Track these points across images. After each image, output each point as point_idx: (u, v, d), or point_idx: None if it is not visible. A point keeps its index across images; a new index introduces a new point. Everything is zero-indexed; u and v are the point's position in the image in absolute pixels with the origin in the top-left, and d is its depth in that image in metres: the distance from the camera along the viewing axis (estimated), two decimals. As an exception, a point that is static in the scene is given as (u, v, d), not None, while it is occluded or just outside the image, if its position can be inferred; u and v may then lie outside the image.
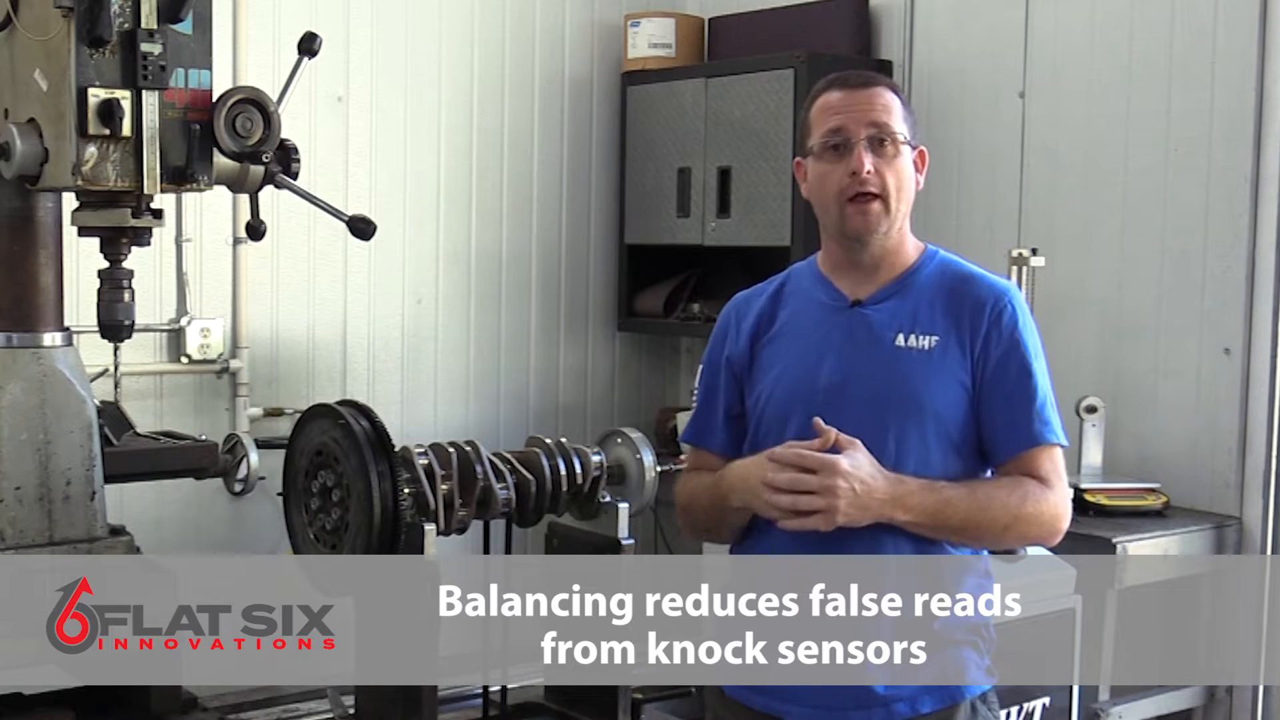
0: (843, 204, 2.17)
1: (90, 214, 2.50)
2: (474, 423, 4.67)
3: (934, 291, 2.20)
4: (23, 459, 2.52)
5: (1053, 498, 2.14)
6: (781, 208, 4.37)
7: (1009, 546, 2.20)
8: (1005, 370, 2.15)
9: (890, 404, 2.13)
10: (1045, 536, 2.16)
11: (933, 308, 2.18)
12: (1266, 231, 3.74)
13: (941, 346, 2.15)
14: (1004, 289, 2.21)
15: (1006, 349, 2.16)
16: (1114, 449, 3.91)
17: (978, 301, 2.18)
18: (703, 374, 2.36)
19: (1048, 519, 2.14)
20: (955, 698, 2.14)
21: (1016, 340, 2.16)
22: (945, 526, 2.10)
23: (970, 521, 2.10)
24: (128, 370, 3.89)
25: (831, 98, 2.20)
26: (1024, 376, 2.15)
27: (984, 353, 2.16)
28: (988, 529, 2.12)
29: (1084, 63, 4.10)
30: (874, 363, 2.16)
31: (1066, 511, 2.16)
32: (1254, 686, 3.79)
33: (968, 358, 2.15)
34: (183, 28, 2.42)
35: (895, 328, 2.17)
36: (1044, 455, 2.16)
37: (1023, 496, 2.12)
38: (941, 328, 2.17)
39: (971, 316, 2.17)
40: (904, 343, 2.16)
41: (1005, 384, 2.15)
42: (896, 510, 2.07)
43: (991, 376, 2.15)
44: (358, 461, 2.51)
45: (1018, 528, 2.13)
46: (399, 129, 4.53)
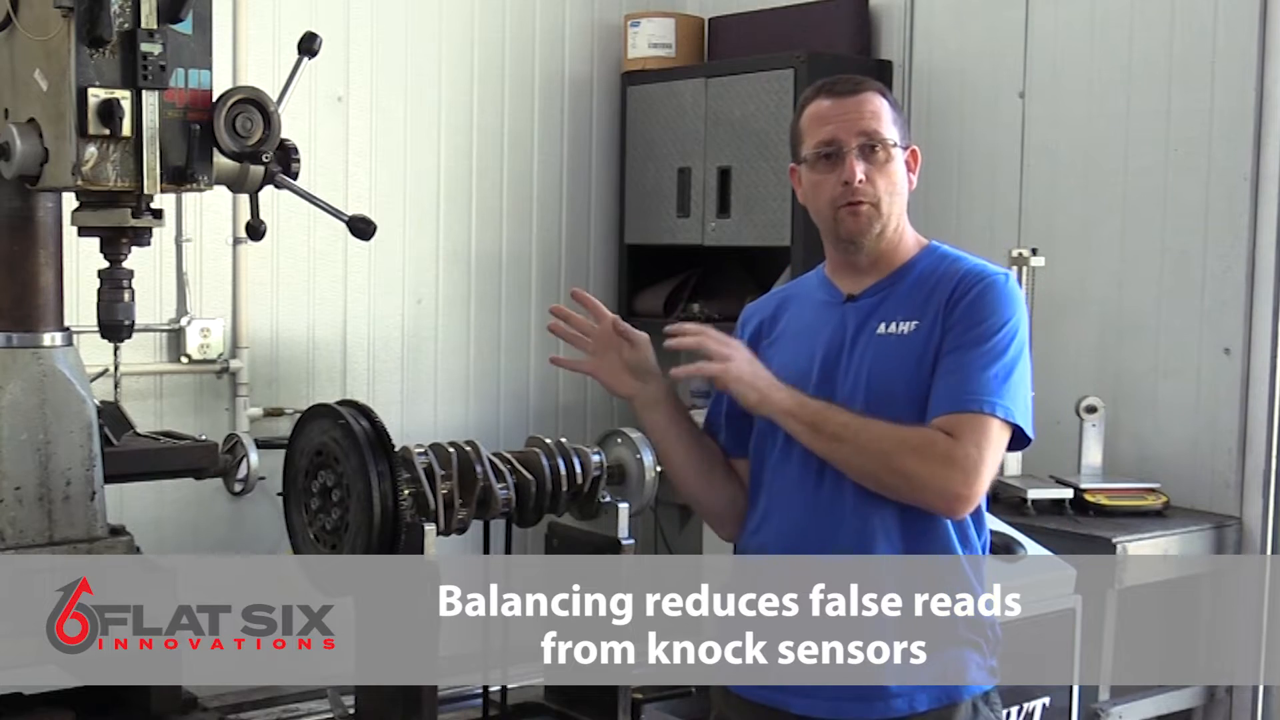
0: (836, 210, 2.19)
1: (90, 214, 2.49)
2: (474, 423, 4.67)
3: (922, 280, 2.20)
4: (23, 459, 2.52)
5: (951, 453, 2.02)
6: (781, 208, 4.37)
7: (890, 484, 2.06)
8: (960, 335, 2.11)
9: (871, 392, 2.13)
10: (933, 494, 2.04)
11: (917, 295, 2.18)
12: (1266, 231, 3.74)
13: (918, 330, 2.14)
14: (989, 272, 2.18)
15: (966, 314, 2.12)
16: (1114, 449, 3.91)
17: (956, 281, 2.16)
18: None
19: (938, 473, 2.02)
20: (955, 697, 2.14)
21: (982, 310, 2.11)
22: (822, 428, 2.07)
23: (848, 432, 2.06)
24: (128, 370, 3.89)
25: (821, 106, 2.21)
26: (977, 342, 2.09)
27: (945, 321, 2.13)
28: (866, 448, 2.04)
29: (1084, 63, 4.10)
30: (855, 352, 2.17)
31: (970, 477, 2.03)
32: (1254, 686, 3.79)
33: (935, 336, 2.13)
34: (183, 28, 2.41)
35: (880, 317, 2.18)
36: (967, 420, 2.05)
37: (915, 432, 2.05)
38: (920, 313, 2.16)
39: (947, 294, 2.15)
40: (884, 330, 2.17)
41: (957, 349, 2.10)
42: (780, 394, 2.11)
43: (946, 342, 2.11)
44: (358, 461, 2.51)
45: (894, 464, 2.03)
46: (399, 129, 4.53)
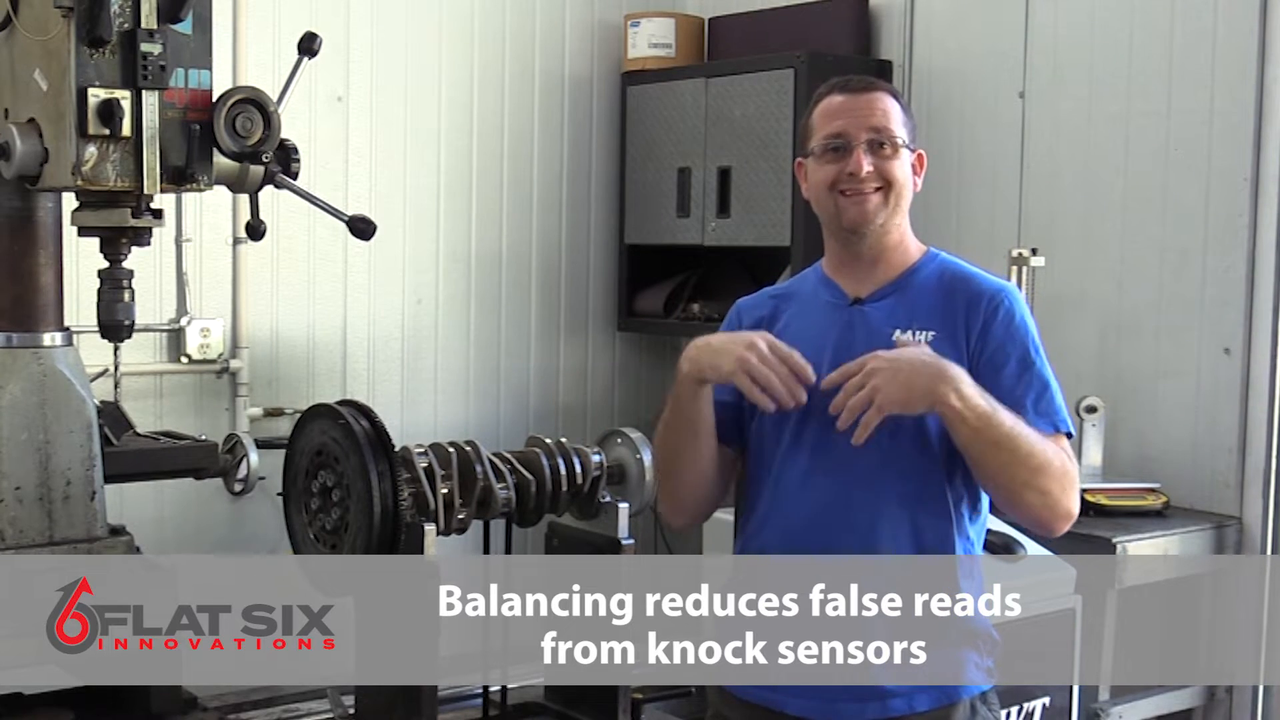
0: (837, 196, 2.20)
1: (90, 214, 2.49)
2: (474, 423, 4.67)
3: (933, 289, 2.22)
4: (23, 459, 2.52)
5: (1071, 470, 2.12)
6: (781, 208, 4.37)
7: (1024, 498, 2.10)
8: (1003, 363, 2.16)
9: None
10: (1059, 511, 2.11)
11: (930, 304, 2.20)
12: (1266, 231, 3.74)
13: (937, 342, 2.16)
14: (1001, 286, 2.23)
15: (1002, 342, 2.16)
16: (1114, 449, 3.91)
17: (974, 297, 2.19)
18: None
19: (1069, 488, 2.10)
20: (953, 697, 2.15)
21: (1013, 333, 2.17)
22: (990, 435, 2.05)
23: (1010, 441, 2.05)
24: (128, 370, 3.89)
25: (833, 101, 2.24)
26: (1023, 368, 2.16)
27: (980, 346, 2.17)
28: (1023, 461, 2.07)
29: (1084, 63, 4.10)
30: None
31: (1077, 496, 2.13)
32: (1254, 686, 3.79)
33: (963, 353, 2.16)
34: (183, 28, 2.42)
35: (893, 324, 2.19)
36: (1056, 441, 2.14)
37: (1055, 451, 2.11)
38: (938, 323, 2.18)
39: (967, 312, 2.18)
40: (901, 337, 2.17)
41: (1004, 377, 2.15)
42: (949, 389, 2.03)
43: (989, 370, 2.15)
44: (358, 461, 2.51)
45: (1042, 478, 2.08)
46: (399, 129, 4.52)
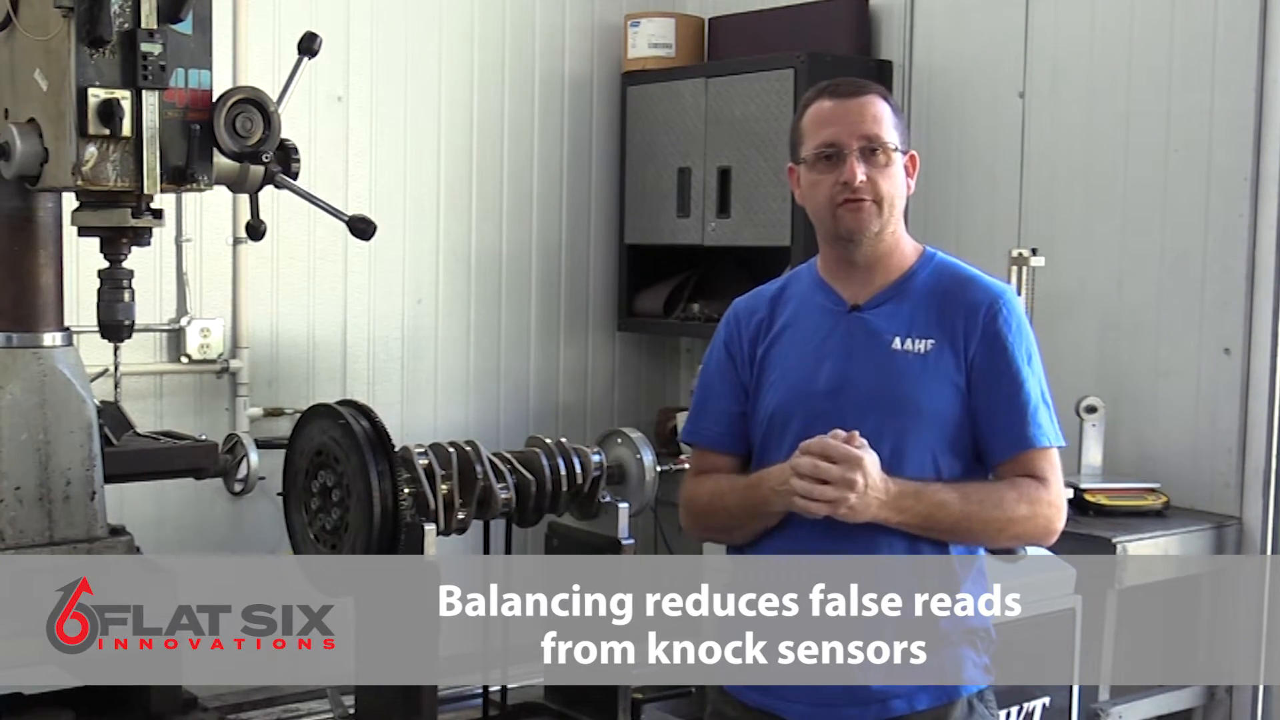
0: (834, 208, 2.19)
1: (90, 214, 2.49)
2: (474, 423, 4.67)
3: (931, 295, 2.22)
4: (23, 459, 2.52)
5: (1048, 497, 2.16)
6: (781, 208, 4.37)
7: (1005, 546, 2.21)
8: (997, 374, 2.17)
9: (888, 407, 2.15)
10: (1041, 536, 2.18)
11: (929, 311, 2.20)
12: (1266, 231, 3.74)
13: (937, 349, 2.17)
14: (998, 291, 2.23)
15: (997, 352, 2.17)
16: (1114, 449, 3.91)
17: (971, 305, 2.20)
18: (701, 373, 2.38)
19: (1043, 520, 2.16)
20: (952, 695, 2.16)
21: (1007, 344, 2.18)
22: (937, 529, 2.12)
23: (963, 524, 2.13)
24: (128, 370, 3.88)
25: (823, 107, 2.22)
26: (1015, 379, 2.17)
27: (976, 356, 2.17)
28: (981, 530, 2.15)
29: (1084, 63, 4.09)
30: (871, 366, 2.18)
31: (1062, 511, 2.18)
32: (1254, 686, 3.78)
33: (961, 360, 2.17)
34: (183, 28, 2.42)
35: (893, 331, 2.19)
36: (1039, 457, 2.17)
37: (1017, 498, 2.14)
38: (937, 331, 2.19)
39: (965, 320, 2.19)
40: (901, 346, 2.18)
41: (997, 388, 2.16)
42: (889, 512, 2.09)
43: (983, 380, 2.17)
44: (358, 461, 2.51)
45: (1012, 529, 2.15)
46: (399, 129, 4.52)
